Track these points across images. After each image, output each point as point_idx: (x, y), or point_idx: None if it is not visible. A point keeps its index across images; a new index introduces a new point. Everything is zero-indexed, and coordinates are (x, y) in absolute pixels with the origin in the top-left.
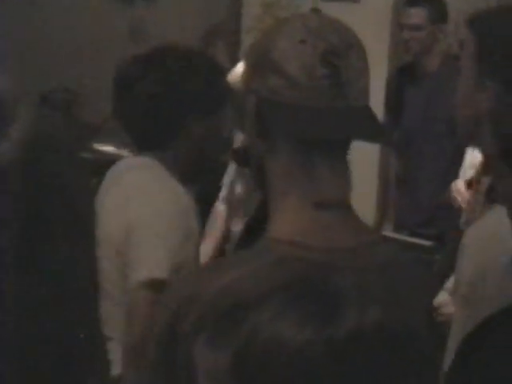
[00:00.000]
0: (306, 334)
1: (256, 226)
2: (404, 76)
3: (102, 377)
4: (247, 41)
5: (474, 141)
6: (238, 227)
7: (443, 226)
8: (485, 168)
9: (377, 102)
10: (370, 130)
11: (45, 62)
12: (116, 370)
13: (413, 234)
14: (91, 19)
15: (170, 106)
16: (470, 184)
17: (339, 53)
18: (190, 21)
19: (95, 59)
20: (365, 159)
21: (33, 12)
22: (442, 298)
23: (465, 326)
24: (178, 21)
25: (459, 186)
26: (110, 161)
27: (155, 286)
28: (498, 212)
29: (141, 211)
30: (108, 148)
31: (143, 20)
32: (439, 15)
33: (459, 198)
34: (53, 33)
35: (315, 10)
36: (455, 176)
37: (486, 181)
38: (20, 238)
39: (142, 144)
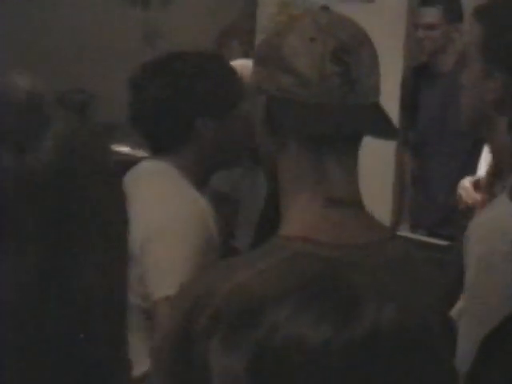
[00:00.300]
0: (325, 332)
1: (267, 224)
2: (419, 75)
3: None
4: None
5: (479, 131)
6: None
7: (459, 225)
8: (494, 168)
9: (392, 102)
10: (381, 127)
11: (59, 64)
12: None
13: (429, 234)
14: (105, 22)
15: (179, 109)
16: (476, 184)
17: (349, 50)
18: (204, 22)
19: (110, 62)
20: (381, 159)
21: (45, 14)
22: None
23: (473, 317)
24: (192, 22)
25: (466, 184)
26: (126, 161)
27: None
28: (501, 203)
29: (159, 221)
30: (123, 148)
31: (157, 22)
32: (454, 14)
33: (464, 195)
34: (67, 35)
35: (324, 8)
36: (471, 175)
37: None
38: (46, 248)
39: (156, 148)
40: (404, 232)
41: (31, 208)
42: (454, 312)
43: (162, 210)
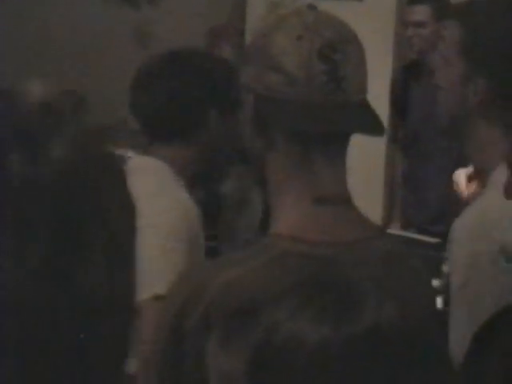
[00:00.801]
0: (325, 330)
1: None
2: (409, 74)
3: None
4: None
5: (461, 135)
6: None
7: (450, 222)
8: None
9: (382, 100)
10: (368, 124)
11: (48, 65)
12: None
13: (420, 232)
14: (95, 22)
15: (196, 97)
16: (470, 177)
17: (336, 48)
18: (194, 22)
19: (100, 62)
20: (371, 157)
21: (35, 13)
22: None
23: (461, 317)
24: (182, 22)
25: (460, 178)
26: None
27: (158, 301)
28: (485, 200)
29: (144, 220)
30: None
31: (148, 22)
32: (443, 12)
33: (459, 191)
34: (57, 36)
35: (311, 7)
36: None
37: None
38: (48, 249)
39: (161, 135)
40: (395, 230)
41: (34, 208)
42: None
43: (148, 208)
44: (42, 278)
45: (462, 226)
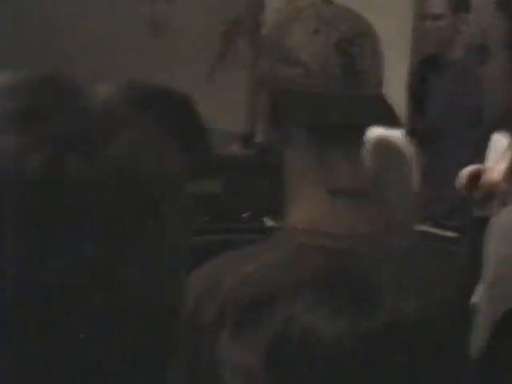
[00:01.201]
0: (342, 324)
1: None
2: (427, 68)
3: None
4: None
5: (503, 129)
6: None
7: (468, 216)
8: None
9: (399, 95)
10: (385, 116)
11: (62, 59)
12: None
13: (437, 226)
14: (112, 15)
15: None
16: (479, 171)
17: (353, 41)
18: (211, 15)
19: (116, 55)
20: None
21: (47, 7)
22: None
23: (489, 311)
24: (199, 15)
25: (463, 174)
26: None
27: None
28: None
29: None
30: None
31: (164, 15)
32: (460, 4)
33: (460, 183)
34: (71, 30)
35: (327, 1)
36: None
37: None
38: (99, 247)
39: None
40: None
41: (88, 208)
42: (474, 298)
43: None
44: (88, 278)
45: (497, 225)
